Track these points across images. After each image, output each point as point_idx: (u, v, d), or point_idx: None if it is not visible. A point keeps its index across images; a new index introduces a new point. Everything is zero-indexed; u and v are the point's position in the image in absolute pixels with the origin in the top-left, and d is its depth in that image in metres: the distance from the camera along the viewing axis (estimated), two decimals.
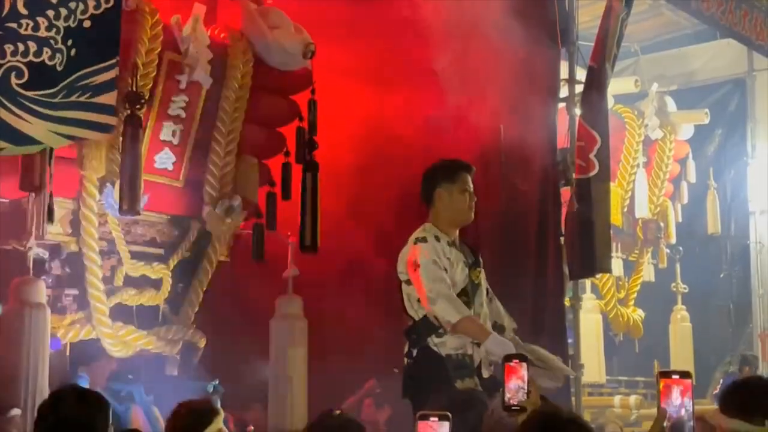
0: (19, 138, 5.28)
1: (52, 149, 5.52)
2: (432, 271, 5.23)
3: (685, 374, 2.63)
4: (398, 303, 6.75)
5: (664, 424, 2.60)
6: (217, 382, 6.70)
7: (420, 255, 5.28)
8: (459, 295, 5.33)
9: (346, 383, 7.43)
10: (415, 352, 5.33)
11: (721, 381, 9.85)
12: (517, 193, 7.24)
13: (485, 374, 5.30)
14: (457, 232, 5.52)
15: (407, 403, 5.32)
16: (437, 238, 5.36)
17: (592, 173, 6.98)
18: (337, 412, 3.74)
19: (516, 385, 3.36)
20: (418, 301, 5.33)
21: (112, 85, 5.47)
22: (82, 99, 5.38)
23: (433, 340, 5.28)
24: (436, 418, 2.65)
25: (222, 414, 4.04)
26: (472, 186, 5.52)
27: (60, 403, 3.34)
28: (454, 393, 4.45)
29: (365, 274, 7.84)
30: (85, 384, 6.32)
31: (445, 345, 5.27)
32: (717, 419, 2.75)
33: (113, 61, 5.45)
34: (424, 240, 5.36)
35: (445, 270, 5.28)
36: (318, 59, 7.11)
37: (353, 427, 3.68)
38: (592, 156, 6.96)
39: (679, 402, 2.60)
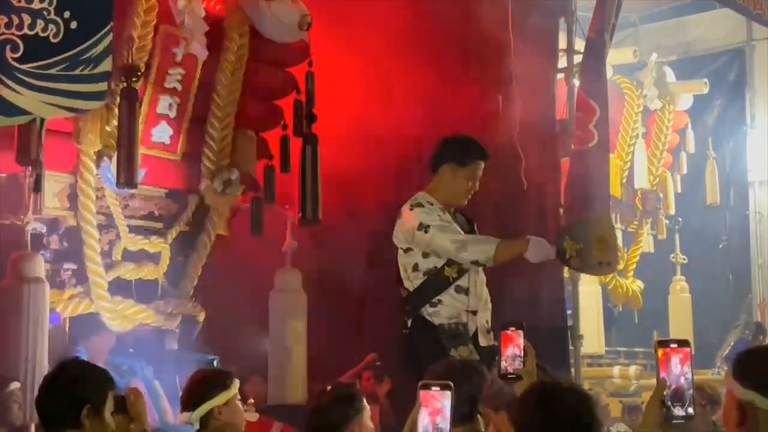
0: (10, 109, 5.26)
1: (43, 121, 5.48)
2: (443, 226, 5.22)
3: (683, 342, 2.60)
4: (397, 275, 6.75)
5: (664, 393, 2.58)
6: (216, 359, 6.71)
7: (423, 217, 5.24)
8: (448, 264, 5.30)
9: (345, 355, 7.45)
10: (410, 323, 5.34)
11: (732, 344, 9.87)
12: (516, 165, 7.22)
13: (483, 342, 5.30)
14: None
15: (408, 374, 5.32)
16: (430, 203, 5.35)
17: (591, 144, 6.94)
18: (328, 387, 3.74)
19: (512, 353, 3.37)
20: (414, 269, 5.32)
21: (107, 53, 5.43)
22: (85, 72, 5.38)
23: (426, 310, 5.28)
24: (438, 388, 2.64)
25: (236, 386, 4.05)
26: (480, 174, 5.47)
27: (63, 373, 3.35)
28: (451, 362, 4.45)
29: (364, 247, 7.83)
30: (83, 358, 6.35)
31: (439, 314, 5.27)
32: (729, 385, 2.72)
33: (108, 28, 5.42)
34: (419, 204, 5.34)
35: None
36: (316, 31, 7.08)
37: (351, 402, 3.69)
38: (591, 126, 6.91)
39: (678, 370, 2.58)
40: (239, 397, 4.15)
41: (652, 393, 2.62)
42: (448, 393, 2.62)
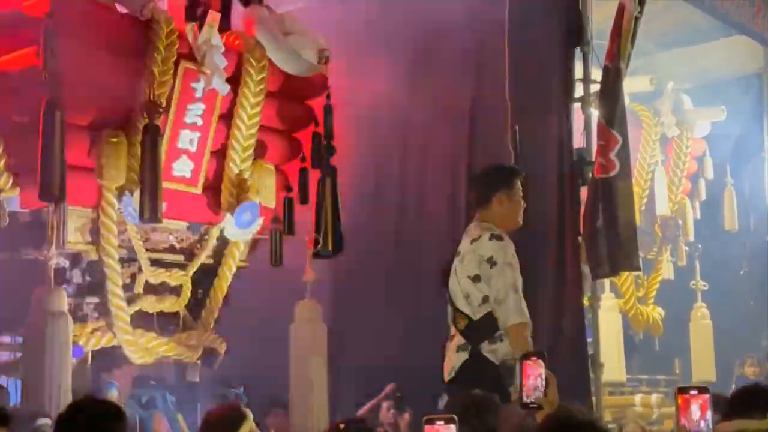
0: None
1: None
2: (508, 273, 5.23)
3: (702, 389, 2.66)
4: (416, 306, 6.78)
5: None
6: (242, 389, 6.73)
7: (497, 251, 5.28)
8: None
9: (367, 387, 7.45)
10: (467, 356, 5.28)
11: (733, 387, 9.82)
12: (533, 194, 7.24)
13: None
14: None
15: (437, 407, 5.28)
16: (503, 238, 5.41)
17: (614, 172, 6.98)
18: (342, 425, 3.75)
19: (534, 383, 3.39)
20: (484, 301, 5.28)
21: None
22: None
23: (486, 347, 5.24)
24: (443, 422, 2.68)
25: (250, 418, 4.07)
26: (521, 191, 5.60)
27: (78, 412, 3.37)
28: (470, 396, 4.44)
29: (384, 278, 7.85)
30: (114, 391, 6.39)
31: (497, 352, 5.25)
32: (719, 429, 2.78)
33: None
34: (500, 238, 5.37)
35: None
36: (333, 60, 7.16)
37: None
38: (612, 155, 6.96)
39: (698, 416, 2.62)
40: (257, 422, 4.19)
41: None
42: (453, 427, 2.65)
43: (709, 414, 2.61)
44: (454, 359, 5.36)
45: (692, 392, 2.64)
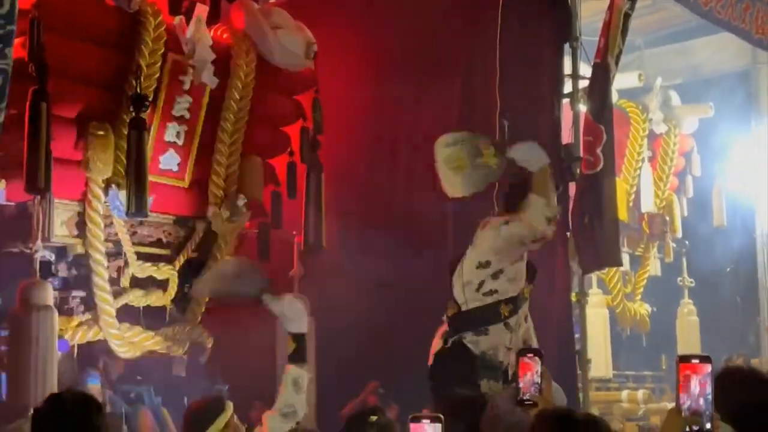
0: None
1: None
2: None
3: (704, 358, 2.53)
4: (404, 301, 6.76)
5: (683, 414, 2.53)
6: (226, 387, 6.71)
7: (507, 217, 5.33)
8: (506, 302, 5.31)
9: (354, 382, 7.43)
10: (449, 342, 5.31)
11: None
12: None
13: None
14: None
15: (431, 392, 5.28)
16: None
17: (599, 168, 7.00)
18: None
19: (530, 380, 3.41)
20: (478, 288, 5.27)
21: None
22: None
23: (469, 337, 5.27)
24: (428, 420, 2.66)
25: (230, 409, 4.12)
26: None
27: (57, 406, 3.35)
28: (457, 398, 4.43)
29: (372, 273, 7.83)
30: (96, 383, 6.36)
31: (479, 344, 5.26)
32: None
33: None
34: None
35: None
36: (321, 53, 7.13)
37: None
38: (598, 151, 6.98)
39: (698, 391, 2.54)
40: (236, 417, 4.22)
41: (671, 409, 2.57)
42: (439, 426, 2.64)
43: (709, 385, 2.51)
44: (435, 346, 5.40)
45: (694, 361, 2.53)
